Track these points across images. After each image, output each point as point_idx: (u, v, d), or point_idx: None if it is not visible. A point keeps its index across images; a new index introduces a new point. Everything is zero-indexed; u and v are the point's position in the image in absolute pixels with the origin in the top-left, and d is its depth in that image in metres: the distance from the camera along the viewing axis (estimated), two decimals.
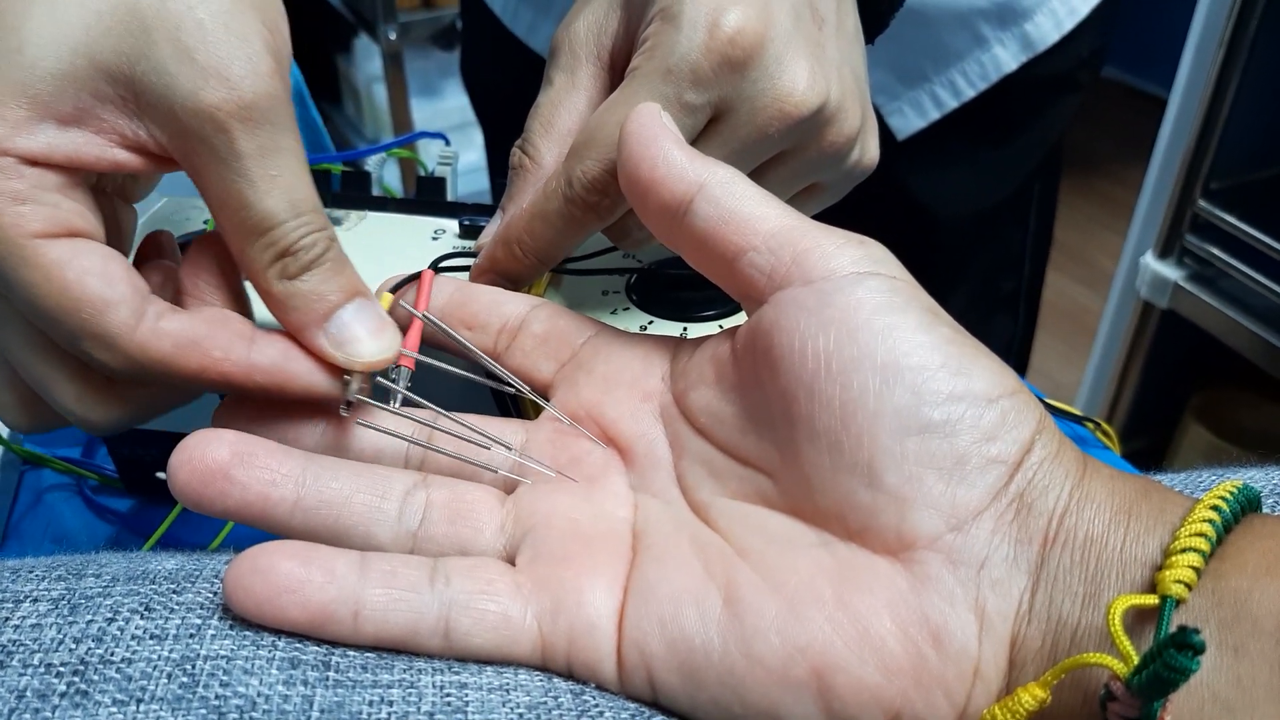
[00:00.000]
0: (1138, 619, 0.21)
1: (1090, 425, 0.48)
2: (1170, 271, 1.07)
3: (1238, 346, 1.03)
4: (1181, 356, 1.17)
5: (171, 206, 0.42)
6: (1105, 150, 2.20)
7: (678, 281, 0.36)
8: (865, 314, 0.24)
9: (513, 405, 0.33)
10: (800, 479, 0.24)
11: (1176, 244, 1.07)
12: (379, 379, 0.28)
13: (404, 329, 0.31)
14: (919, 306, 0.24)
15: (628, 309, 0.36)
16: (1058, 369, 1.63)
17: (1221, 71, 0.98)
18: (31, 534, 0.41)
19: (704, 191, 0.26)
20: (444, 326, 0.30)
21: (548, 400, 0.29)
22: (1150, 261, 1.09)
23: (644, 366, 0.29)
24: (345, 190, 0.45)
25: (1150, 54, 2.20)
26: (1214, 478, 0.29)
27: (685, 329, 0.35)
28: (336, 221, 0.42)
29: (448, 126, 1.69)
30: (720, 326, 0.36)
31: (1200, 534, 0.21)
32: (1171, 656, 0.18)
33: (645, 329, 0.35)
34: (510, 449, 0.28)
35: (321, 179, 0.44)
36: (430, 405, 0.28)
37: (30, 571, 0.25)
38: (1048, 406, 0.43)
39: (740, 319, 0.36)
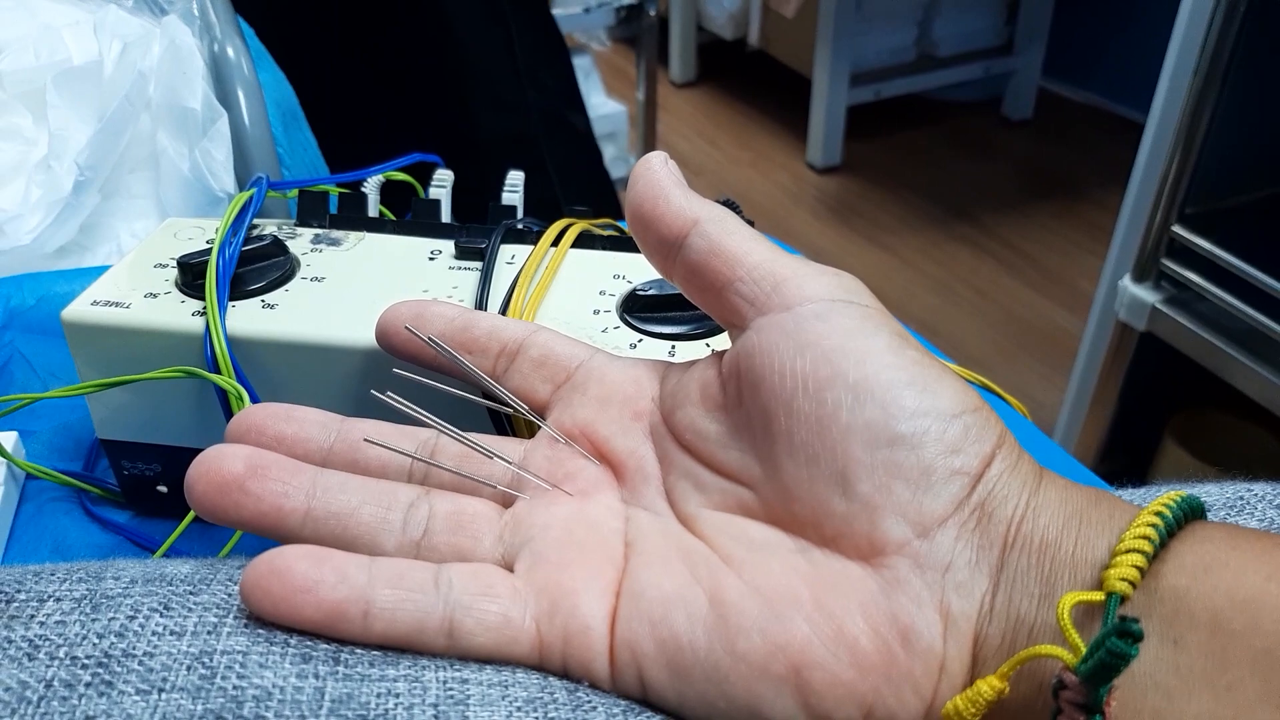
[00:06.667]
0: (1087, 615, 0.22)
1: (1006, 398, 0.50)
2: (1147, 295, 1.09)
3: (1215, 368, 1.04)
4: (1160, 378, 1.19)
5: (174, 227, 0.44)
6: (1086, 175, 2.22)
7: (666, 302, 0.38)
8: (839, 338, 0.26)
9: (508, 425, 0.34)
10: (780, 490, 0.26)
11: (1153, 268, 1.08)
12: (386, 398, 0.30)
13: (409, 354, 0.32)
14: (888, 331, 0.26)
15: (618, 328, 0.38)
16: (1039, 389, 1.64)
17: (1198, 99, 0.99)
18: (32, 544, 0.42)
19: (698, 227, 0.28)
20: (449, 350, 0.31)
21: (544, 419, 0.31)
22: (1128, 285, 1.10)
23: (635, 388, 0.30)
24: (343, 211, 0.46)
25: (1130, 80, 2.24)
26: (1170, 490, 0.31)
27: (673, 348, 0.37)
28: (335, 242, 0.43)
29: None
30: (707, 345, 0.37)
31: (1144, 537, 0.22)
32: (1114, 644, 0.20)
33: (635, 347, 0.37)
34: (510, 463, 0.29)
35: (319, 200, 0.45)
36: (436, 422, 0.30)
37: (51, 574, 0.26)
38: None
39: (724, 339, 0.37)
